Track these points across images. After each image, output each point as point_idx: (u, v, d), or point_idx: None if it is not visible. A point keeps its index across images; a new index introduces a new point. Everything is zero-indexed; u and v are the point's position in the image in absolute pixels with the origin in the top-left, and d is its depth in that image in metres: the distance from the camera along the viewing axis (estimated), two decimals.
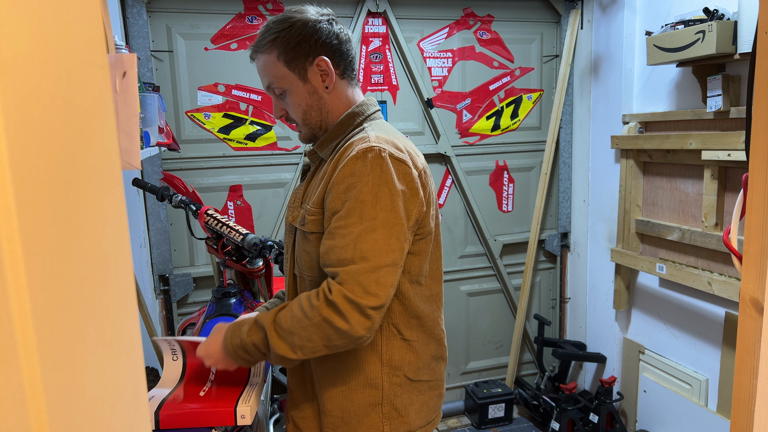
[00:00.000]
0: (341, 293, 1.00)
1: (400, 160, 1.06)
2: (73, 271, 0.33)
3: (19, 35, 0.28)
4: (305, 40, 1.12)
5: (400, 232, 1.03)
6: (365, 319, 1.00)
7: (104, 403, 0.37)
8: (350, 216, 1.02)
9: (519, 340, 3.10)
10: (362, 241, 1.00)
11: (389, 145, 1.07)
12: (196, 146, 2.55)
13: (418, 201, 1.07)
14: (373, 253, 1.00)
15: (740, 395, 0.56)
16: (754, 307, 0.54)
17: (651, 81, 2.56)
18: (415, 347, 1.17)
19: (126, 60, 1.09)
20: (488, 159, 3.01)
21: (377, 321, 1.02)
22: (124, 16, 2.35)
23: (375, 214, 1.01)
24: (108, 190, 0.40)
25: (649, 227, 2.53)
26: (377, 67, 2.75)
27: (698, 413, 2.36)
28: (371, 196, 1.01)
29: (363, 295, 0.99)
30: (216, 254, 1.64)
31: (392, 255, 1.02)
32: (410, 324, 1.16)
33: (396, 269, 1.03)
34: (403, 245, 1.04)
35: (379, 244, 1.01)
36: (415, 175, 1.08)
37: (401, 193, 1.04)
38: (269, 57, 1.13)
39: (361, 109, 1.18)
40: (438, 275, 1.22)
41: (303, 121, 1.18)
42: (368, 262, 1.00)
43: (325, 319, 1.01)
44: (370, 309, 1.00)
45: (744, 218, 0.56)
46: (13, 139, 0.26)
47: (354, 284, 1.00)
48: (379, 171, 1.02)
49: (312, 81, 1.14)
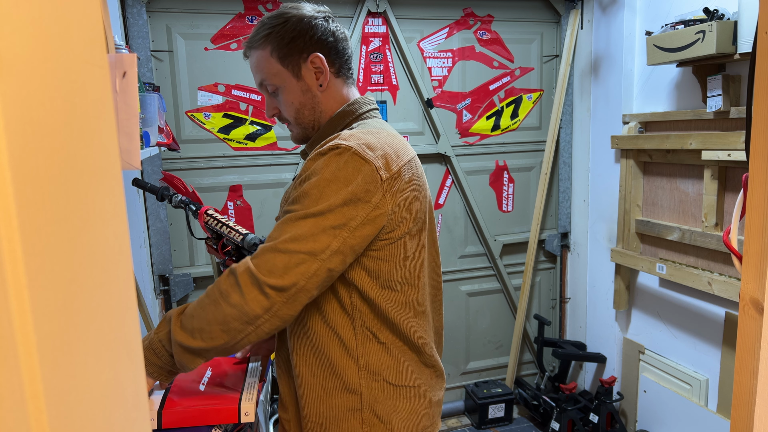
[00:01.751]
0: (245, 266, 0.97)
1: (365, 159, 0.99)
2: (73, 271, 0.33)
3: (19, 35, 0.28)
4: (300, 36, 1.09)
5: (330, 227, 0.97)
6: (263, 297, 0.95)
7: (104, 403, 0.37)
8: (293, 203, 1.00)
9: (519, 340, 3.10)
10: (289, 224, 0.98)
11: (360, 143, 1.01)
12: (196, 146, 2.55)
13: (371, 205, 1.00)
14: (293, 237, 0.96)
15: (740, 395, 0.56)
16: (754, 307, 0.54)
17: (651, 81, 2.56)
18: (391, 350, 1.11)
19: (126, 60, 1.09)
20: (488, 159, 3.01)
21: (278, 304, 0.96)
22: (124, 16, 2.35)
23: (314, 206, 0.98)
24: (108, 190, 0.40)
25: (649, 227, 2.53)
26: (377, 67, 2.75)
27: (698, 413, 2.36)
28: (317, 190, 0.98)
29: (265, 272, 0.95)
30: (216, 254, 1.63)
31: (312, 244, 0.96)
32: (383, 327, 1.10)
33: (313, 261, 0.96)
34: (330, 241, 0.97)
35: (303, 229, 0.97)
36: (380, 178, 1.00)
37: (351, 193, 0.98)
38: (263, 53, 1.11)
39: (352, 108, 1.14)
40: (417, 282, 1.13)
41: (295, 120, 1.16)
42: (284, 243, 0.96)
43: (222, 293, 0.97)
44: (268, 287, 0.95)
45: (744, 218, 0.56)
46: (13, 139, 0.26)
47: (261, 260, 0.96)
48: (335, 167, 0.98)
49: (306, 78, 1.12)
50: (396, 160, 1.05)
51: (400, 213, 1.05)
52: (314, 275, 0.97)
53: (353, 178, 0.98)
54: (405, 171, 1.06)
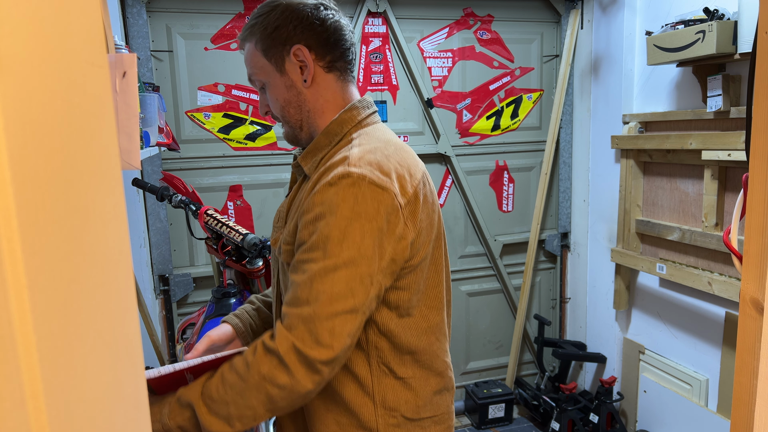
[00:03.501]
0: (288, 341, 0.87)
1: (382, 187, 0.90)
2: (73, 271, 0.33)
3: (19, 35, 0.28)
4: (283, 25, 0.98)
5: (366, 274, 0.88)
6: (314, 374, 0.87)
7: (104, 403, 0.37)
8: (313, 250, 0.89)
9: (519, 340, 3.10)
10: (320, 281, 0.87)
11: (372, 167, 0.91)
12: (196, 146, 2.55)
13: (397, 236, 0.92)
14: (330, 296, 0.86)
15: (740, 395, 0.56)
16: (754, 307, 0.54)
17: (651, 81, 2.55)
18: (411, 385, 1.03)
19: (126, 60, 1.09)
20: (488, 159, 3.01)
21: (328, 376, 0.89)
22: (124, 16, 2.35)
23: (340, 251, 0.87)
24: (108, 190, 0.40)
25: (650, 227, 2.53)
26: (377, 67, 2.75)
27: (698, 413, 2.36)
28: (338, 231, 0.87)
29: (313, 346, 0.86)
30: (216, 254, 1.64)
31: (352, 300, 0.88)
32: (403, 361, 1.02)
33: (356, 317, 0.89)
34: (369, 290, 0.89)
35: (338, 286, 0.87)
36: (399, 203, 0.92)
37: (376, 229, 0.89)
38: (249, 45, 1.02)
39: (351, 115, 1.02)
40: (438, 303, 1.06)
41: (282, 119, 1.06)
42: (323, 306, 0.86)
43: (265, 377, 0.87)
44: (320, 363, 0.86)
45: (744, 218, 0.56)
46: (13, 139, 0.26)
47: (304, 331, 0.86)
48: (353, 202, 0.88)
49: (289, 73, 1.00)
50: (410, 180, 0.97)
51: (419, 239, 0.98)
52: (357, 330, 0.91)
53: (375, 211, 0.89)
54: (420, 191, 0.98)
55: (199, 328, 1.58)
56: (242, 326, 1.18)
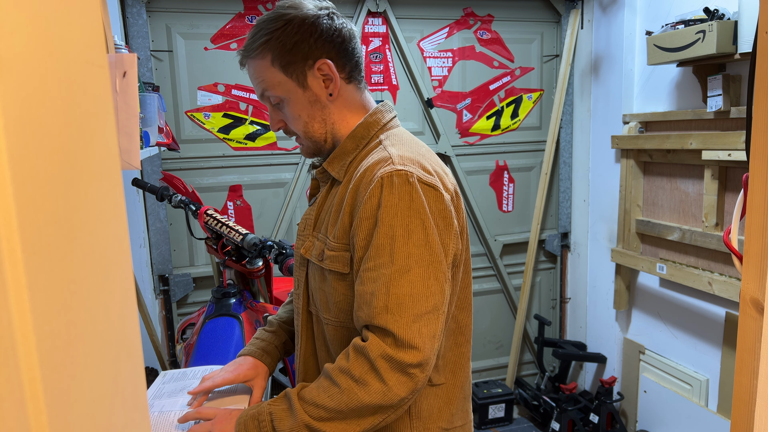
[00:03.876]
0: (379, 347, 0.84)
1: (431, 185, 0.90)
2: (73, 271, 0.33)
3: (19, 35, 0.28)
4: (303, 40, 0.95)
5: (438, 271, 0.87)
6: (407, 379, 0.84)
7: (104, 403, 0.37)
8: (380, 255, 0.87)
9: (519, 340, 3.10)
10: (396, 285, 0.85)
11: (416, 166, 0.91)
12: (195, 146, 2.55)
13: (454, 232, 0.92)
14: (411, 298, 0.85)
15: (740, 395, 0.56)
16: (754, 307, 0.54)
17: (651, 81, 2.55)
18: (445, 391, 1.02)
19: (126, 60, 1.09)
20: (488, 159, 3.01)
21: (422, 381, 0.86)
22: (124, 16, 2.35)
23: (408, 251, 0.86)
24: (108, 190, 0.40)
25: (650, 227, 2.53)
26: (377, 66, 2.75)
27: (699, 413, 2.36)
28: (402, 230, 0.86)
29: (402, 350, 0.84)
30: (216, 254, 1.64)
31: (433, 299, 0.86)
32: (436, 367, 1.00)
33: (439, 316, 0.87)
34: (443, 286, 0.88)
35: (417, 287, 0.85)
36: (447, 200, 0.92)
37: (435, 225, 0.88)
38: (262, 62, 0.97)
39: (375, 118, 1.01)
40: (467, 305, 1.04)
41: (305, 134, 1.02)
42: (406, 309, 0.84)
43: (358, 380, 0.85)
44: (412, 367, 0.84)
45: (744, 218, 0.56)
46: (13, 139, 0.26)
47: (392, 338, 0.84)
48: (409, 200, 0.87)
49: (313, 88, 0.98)
50: (446, 176, 0.98)
51: (462, 236, 0.98)
52: (441, 330, 0.89)
53: (433, 208, 0.89)
54: (456, 187, 0.99)
55: (198, 328, 1.58)
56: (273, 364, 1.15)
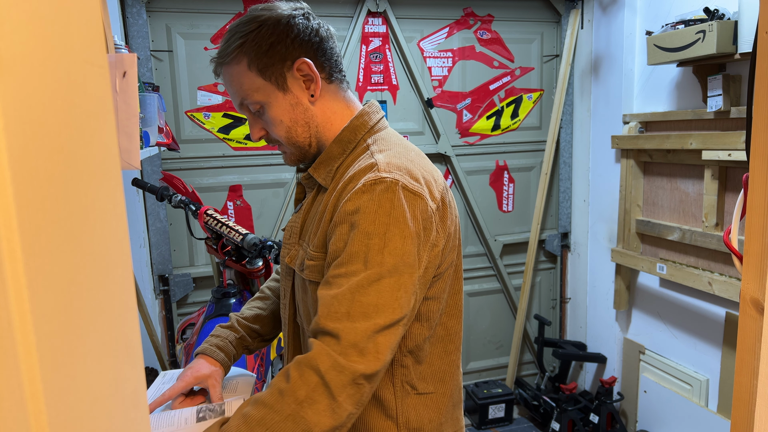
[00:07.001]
0: (329, 358, 0.79)
1: (415, 193, 0.87)
2: (73, 271, 0.33)
3: (19, 35, 0.28)
4: (279, 41, 0.91)
5: (409, 282, 0.84)
6: (355, 391, 0.80)
7: (104, 403, 0.37)
8: (352, 261, 0.83)
9: (519, 341, 3.10)
10: (363, 293, 0.82)
11: (402, 173, 0.88)
12: (195, 146, 2.55)
13: (430, 244, 0.89)
14: (377, 308, 0.81)
15: (741, 395, 0.56)
16: (754, 307, 0.54)
17: (651, 81, 2.55)
18: (434, 400, 0.99)
19: (126, 60, 1.09)
20: (488, 159, 3.01)
21: (367, 394, 0.82)
22: (124, 16, 2.35)
23: (382, 259, 0.82)
24: (108, 190, 0.40)
25: (650, 227, 2.53)
26: (377, 66, 2.75)
27: (699, 413, 2.36)
28: (378, 238, 0.83)
29: (358, 360, 0.79)
30: (216, 254, 1.64)
31: (399, 311, 0.83)
32: (424, 375, 0.98)
33: (400, 329, 0.84)
34: (410, 299, 0.85)
35: (384, 297, 0.82)
36: (431, 209, 0.89)
37: (415, 236, 0.85)
38: (237, 67, 0.93)
39: (362, 121, 0.98)
40: (457, 311, 1.02)
41: (288, 140, 0.97)
42: (369, 319, 0.81)
43: (303, 403, 0.78)
44: (363, 377, 0.80)
45: (744, 218, 0.56)
46: (13, 139, 0.26)
47: (348, 346, 0.80)
48: (389, 207, 0.84)
49: (293, 90, 0.94)
50: (435, 184, 0.94)
51: (448, 245, 0.94)
52: (397, 344, 0.86)
53: (412, 217, 0.86)
54: (445, 196, 0.95)
55: (198, 328, 1.58)
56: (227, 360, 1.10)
